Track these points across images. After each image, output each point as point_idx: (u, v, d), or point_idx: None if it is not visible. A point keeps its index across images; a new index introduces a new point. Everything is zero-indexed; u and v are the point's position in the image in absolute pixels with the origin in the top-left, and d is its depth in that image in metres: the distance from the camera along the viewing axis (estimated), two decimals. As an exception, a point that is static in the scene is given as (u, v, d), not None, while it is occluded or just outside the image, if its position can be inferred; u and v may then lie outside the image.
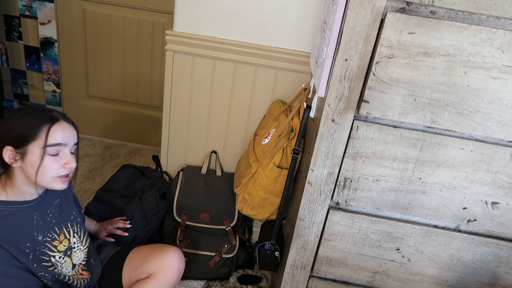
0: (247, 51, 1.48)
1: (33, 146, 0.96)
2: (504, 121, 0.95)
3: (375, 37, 0.91)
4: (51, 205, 1.12)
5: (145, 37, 2.15)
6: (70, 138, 1.01)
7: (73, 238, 1.15)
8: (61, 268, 1.11)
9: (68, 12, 2.15)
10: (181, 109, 1.61)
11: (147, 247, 1.25)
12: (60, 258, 1.11)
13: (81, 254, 1.17)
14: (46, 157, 0.97)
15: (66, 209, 1.16)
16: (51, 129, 0.96)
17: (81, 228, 1.19)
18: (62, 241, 1.12)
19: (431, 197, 1.07)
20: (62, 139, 0.98)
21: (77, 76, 2.30)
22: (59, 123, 0.98)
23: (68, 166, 1.00)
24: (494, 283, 1.18)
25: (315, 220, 1.15)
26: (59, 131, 0.98)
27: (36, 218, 1.06)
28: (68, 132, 1.00)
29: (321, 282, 1.25)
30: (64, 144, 0.99)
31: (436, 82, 0.92)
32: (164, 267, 1.16)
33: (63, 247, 1.12)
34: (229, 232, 1.57)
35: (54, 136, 0.97)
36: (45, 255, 1.07)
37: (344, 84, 0.97)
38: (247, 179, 1.40)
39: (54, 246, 1.10)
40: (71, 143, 1.01)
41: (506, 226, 1.08)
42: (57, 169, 0.99)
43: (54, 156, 0.98)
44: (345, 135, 1.02)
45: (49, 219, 1.10)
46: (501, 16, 0.87)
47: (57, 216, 1.12)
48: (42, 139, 0.96)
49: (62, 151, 1.00)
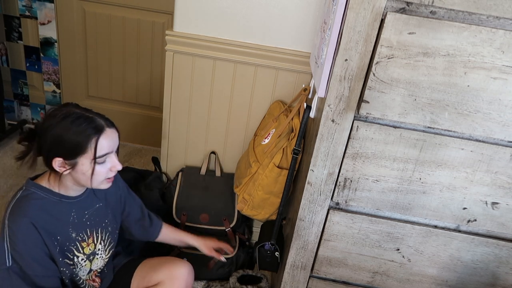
0: (247, 51, 1.48)
1: (83, 158, 0.99)
2: (504, 121, 0.95)
3: (375, 37, 0.91)
4: (91, 207, 1.14)
5: (145, 37, 2.14)
6: (115, 144, 1.04)
7: (99, 245, 1.16)
8: (79, 270, 1.13)
9: (68, 12, 2.15)
10: (181, 110, 1.61)
11: (159, 258, 1.27)
12: (82, 261, 1.12)
13: (101, 262, 1.19)
14: (97, 167, 1.00)
15: (102, 215, 1.17)
16: (99, 142, 0.99)
17: (109, 237, 1.19)
18: (89, 244, 1.13)
19: (431, 197, 1.07)
20: (108, 148, 1.01)
21: (77, 76, 2.30)
22: (104, 133, 1.00)
23: (115, 169, 1.04)
24: (494, 283, 1.17)
25: (315, 220, 1.15)
26: (105, 142, 1.00)
27: (73, 215, 1.09)
28: (113, 139, 1.03)
29: (321, 282, 1.25)
30: (110, 151, 1.02)
31: (436, 82, 0.92)
32: (172, 277, 1.17)
33: (88, 250, 1.13)
34: (228, 232, 1.57)
35: (101, 148, 0.99)
36: (70, 252, 1.09)
37: (344, 84, 0.97)
38: (247, 179, 1.40)
39: (81, 247, 1.11)
40: (115, 148, 1.05)
41: (506, 226, 1.08)
42: (105, 173, 1.03)
43: (105, 163, 1.02)
44: (345, 135, 1.02)
45: (84, 219, 1.12)
46: (501, 16, 0.87)
47: (92, 219, 1.14)
48: (91, 152, 0.98)
49: (109, 157, 1.03)
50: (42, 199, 1.03)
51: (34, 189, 1.04)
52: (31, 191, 1.03)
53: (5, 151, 2.23)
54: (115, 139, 1.04)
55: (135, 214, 1.29)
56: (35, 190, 1.03)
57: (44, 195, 1.04)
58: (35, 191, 1.03)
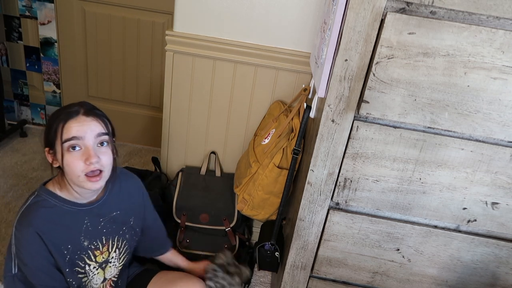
0: (247, 51, 1.48)
1: (57, 144, 0.95)
2: (504, 122, 0.95)
3: (375, 38, 0.91)
4: (108, 215, 1.10)
5: (145, 37, 2.15)
6: (88, 131, 0.95)
7: (114, 253, 1.14)
8: (92, 279, 1.10)
9: (68, 13, 2.15)
10: (181, 110, 1.61)
11: (175, 272, 1.27)
12: (94, 269, 1.10)
13: (115, 270, 1.17)
14: (66, 154, 0.94)
15: (120, 223, 1.14)
16: (65, 125, 0.94)
17: (126, 245, 1.17)
18: (103, 252, 1.11)
19: (431, 197, 1.07)
20: (76, 133, 0.94)
21: (77, 76, 2.30)
22: (75, 118, 0.95)
23: (88, 161, 0.94)
24: (494, 284, 1.17)
25: (315, 221, 1.15)
26: (74, 125, 0.94)
27: (86, 223, 1.05)
28: (86, 125, 0.95)
29: (321, 282, 1.25)
30: (79, 137, 0.94)
31: (436, 83, 0.92)
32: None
33: (101, 258, 1.11)
34: (228, 232, 1.57)
35: (68, 131, 0.94)
36: (82, 261, 1.06)
37: (344, 85, 0.97)
38: (247, 180, 1.40)
39: (94, 255, 1.09)
40: (91, 136, 0.95)
41: (506, 226, 1.08)
42: (81, 166, 0.94)
43: (75, 152, 0.94)
44: (345, 135, 1.02)
45: (100, 227, 1.09)
46: (501, 16, 0.87)
47: (109, 227, 1.11)
48: (59, 136, 0.94)
49: (82, 146, 0.95)
50: (52, 207, 1.00)
51: (45, 195, 1.00)
52: (42, 198, 1.00)
53: (5, 151, 2.23)
54: (92, 126, 0.96)
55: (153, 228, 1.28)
56: (46, 197, 1.00)
57: (55, 203, 1.00)
58: (46, 198, 1.00)
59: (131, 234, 1.18)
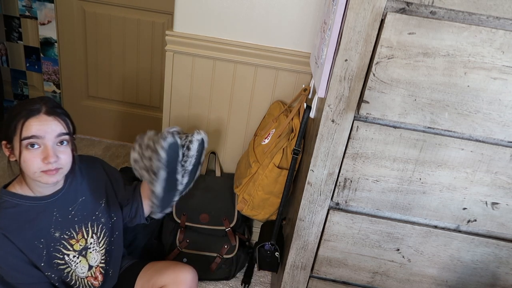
0: (247, 51, 1.48)
1: (15, 140, 0.95)
2: (504, 122, 0.95)
3: (375, 38, 0.91)
4: (75, 202, 1.11)
5: (145, 37, 2.14)
6: (49, 131, 0.95)
7: (91, 239, 1.14)
8: (75, 268, 1.11)
9: (68, 13, 2.15)
10: (181, 110, 1.61)
11: (163, 262, 1.26)
12: (75, 258, 1.10)
13: (98, 256, 1.16)
14: (24, 151, 0.94)
15: (90, 208, 1.13)
16: (26, 123, 0.94)
17: (102, 229, 1.16)
18: (79, 240, 1.11)
19: (431, 197, 1.06)
20: (37, 132, 0.93)
21: (77, 76, 2.30)
22: (37, 116, 0.95)
23: (46, 160, 0.94)
24: (494, 284, 1.17)
25: (315, 221, 1.15)
26: (34, 124, 0.94)
27: (55, 214, 1.06)
28: (47, 125, 0.95)
29: (321, 282, 1.25)
30: (39, 136, 0.94)
31: (436, 83, 0.92)
32: (177, 281, 1.15)
33: (79, 246, 1.11)
34: (228, 232, 1.57)
35: (28, 129, 0.93)
36: (59, 252, 1.07)
37: (344, 85, 0.97)
38: (247, 180, 1.40)
39: (70, 244, 1.09)
40: (51, 136, 0.95)
41: (506, 226, 1.08)
42: (39, 164, 0.95)
43: (33, 150, 0.94)
44: (345, 135, 1.02)
45: (70, 216, 1.09)
46: (501, 16, 0.87)
47: (79, 214, 1.11)
48: (19, 133, 0.94)
49: (42, 145, 0.95)
50: (14, 207, 1.01)
51: (6, 197, 1.02)
52: (3, 200, 1.01)
53: (5, 151, 2.23)
54: (53, 126, 0.96)
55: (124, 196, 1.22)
56: (6, 198, 1.01)
57: (16, 202, 1.01)
58: (7, 199, 1.01)
59: (106, 217, 1.17)
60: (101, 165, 1.21)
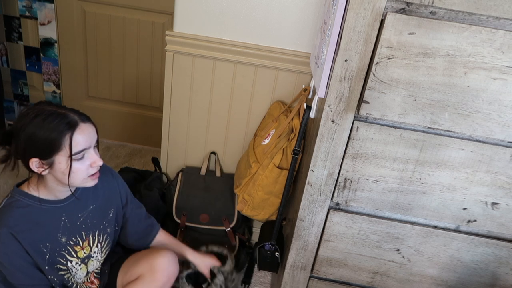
0: (247, 51, 1.48)
1: (59, 156, 0.95)
2: (504, 122, 0.94)
3: (375, 38, 0.91)
4: (85, 210, 1.11)
5: (145, 37, 2.15)
6: (92, 139, 1.00)
7: (95, 248, 1.14)
8: (75, 274, 1.11)
9: (68, 13, 2.15)
10: (181, 110, 1.61)
11: (142, 252, 1.21)
12: (77, 265, 1.10)
13: (97, 263, 1.17)
14: (75, 164, 0.97)
15: (99, 217, 1.14)
16: (73, 138, 0.95)
17: (107, 239, 1.17)
18: (84, 247, 1.11)
19: (431, 197, 1.06)
20: (85, 144, 0.97)
21: (77, 76, 2.30)
22: (79, 128, 0.96)
23: (95, 165, 1.00)
24: (494, 284, 1.17)
25: (315, 221, 1.14)
26: (80, 137, 0.96)
27: (64, 219, 1.06)
28: (89, 134, 0.99)
29: (321, 282, 1.25)
30: (88, 147, 0.99)
31: (436, 83, 0.92)
32: (152, 268, 1.11)
33: (83, 254, 1.11)
34: (228, 233, 1.57)
35: (77, 144, 0.96)
36: (62, 257, 1.07)
37: (344, 85, 0.97)
38: (247, 180, 1.40)
39: (75, 251, 1.09)
40: (93, 142, 1.01)
41: (506, 226, 1.08)
42: (86, 170, 0.99)
43: (83, 160, 0.99)
44: (345, 135, 1.02)
45: (79, 223, 1.09)
46: (501, 16, 0.87)
47: (89, 222, 1.11)
48: (66, 149, 0.95)
49: (87, 153, 0.99)
50: (25, 207, 1.01)
51: (18, 196, 1.02)
52: (15, 199, 1.01)
53: (5, 151, 2.23)
54: (92, 133, 1.00)
55: (137, 214, 1.25)
56: (19, 197, 1.01)
57: (28, 202, 1.01)
58: (19, 198, 1.01)
59: (111, 227, 1.18)
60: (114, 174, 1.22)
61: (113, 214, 1.18)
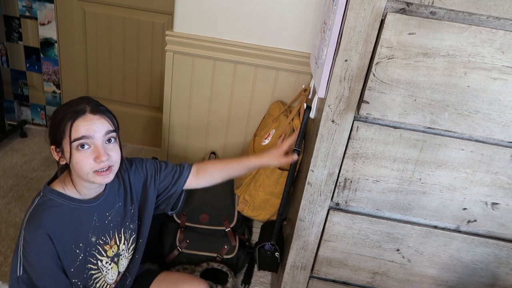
0: (247, 51, 1.48)
1: (65, 143, 0.94)
2: (504, 122, 0.94)
3: (375, 38, 0.91)
4: (112, 208, 1.10)
5: (145, 37, 2.15)
6: (97, 130, 0.95)
7: (123, 245, 1.13)
8: (106, 274, 1.10)
9: (68, 13, 2.15)
10: (181, 110, 1.61)
11: (178, 274, 1.27)
12: (107, 264, 1.09)
13: (126, 262, 1.17)
14: (75, 153, 0.94)
15: (124, 214, 1.13)
16: (74, 124, 0.93)
17: (132, 235, 1.16)
18: (112, 246, 1.10)
19: (431, 197, 1.06)
20: (86, 132, 0.93)
21: (77, 76, 2.30)
22: (83, 117, 0.94)
23: (98, 160, 0.94)
24: (494, 284, 1.17)
25: (315, 221, 1.14)
26: (82, 125, 0.94)
27: (95, 219, 1.05)
28: (94, 124, 0.95)
29: (321, 282, 1.25)
30: (89, 136, 0.94)
31: (436, 83, 0.92)
32: None
33: (112, 252, 1.10)
34: (228, 233, 1.57)
35: (77, 131, 0.93)
36: (93, 257, 1.06)
37: (344, 85, 0.97)
38: (248, 181, 1.40)
39: (104, 250, 1.08)
40: (99, 134, 0.95)
41: (506, 226, 1.08)
42: (91, 164, 0.95)
43: (84, 150, 0.94)
44: (345, 135, 1.02)
45: (107, 222, 1.08)
46: (501, 16, 0.87)
47: (114, 220, 1.10)
48: (67, 135, 0.93)
49: (92, 145, 0.95)
50: (59, 206, 0.99)
51: (51, 195, 0.99)
52: (48, 198, 0.99)
53: (5, 151, 2.23)
54: (99, 125, 0.96)
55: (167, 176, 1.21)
56: (52, 196, 0.99)
57: (61, 201, 0.99)
58: (52, 197, 0.99)
59: (134, 224, 1.17)
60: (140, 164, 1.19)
61: (135, 210, 1.16)
